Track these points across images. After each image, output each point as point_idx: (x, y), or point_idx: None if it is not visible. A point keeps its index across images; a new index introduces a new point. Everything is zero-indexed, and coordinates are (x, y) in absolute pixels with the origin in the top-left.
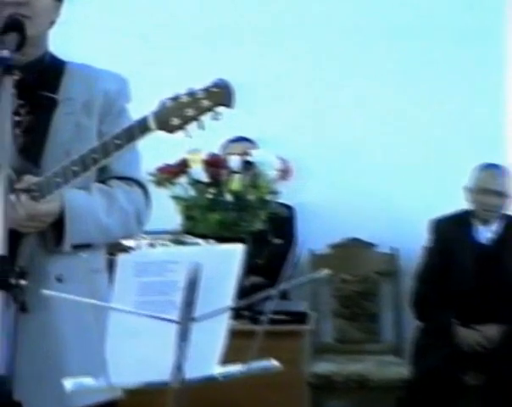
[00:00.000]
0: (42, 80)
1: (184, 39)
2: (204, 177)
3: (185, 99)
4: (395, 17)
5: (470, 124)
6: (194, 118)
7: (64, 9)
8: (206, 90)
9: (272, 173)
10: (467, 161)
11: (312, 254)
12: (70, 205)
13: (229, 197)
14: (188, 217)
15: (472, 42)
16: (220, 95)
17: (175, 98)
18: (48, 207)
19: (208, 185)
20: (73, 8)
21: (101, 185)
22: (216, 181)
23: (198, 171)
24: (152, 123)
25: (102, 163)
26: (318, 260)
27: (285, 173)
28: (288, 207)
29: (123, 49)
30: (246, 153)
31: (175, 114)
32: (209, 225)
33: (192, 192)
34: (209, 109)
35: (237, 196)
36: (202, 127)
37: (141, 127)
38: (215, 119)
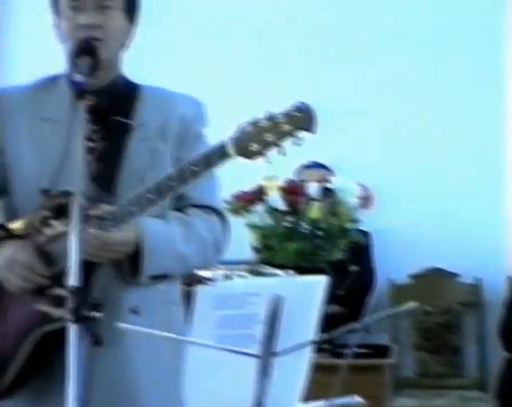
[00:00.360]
0: (116, 105)
1: (260, 61)
2: (281, 205)
3: (264, 124)
4: None
5: None
6: (274, 143)
7: (138, 32)
8: (287, 114)
9: (353, 200)
10: None
11: (392, 284)
12: (147, 235)
13: (307, 226)
14: (265, 246)
15: None
16: (302, 119)
17: (255, 123)
18: (123, 236)
19: (285, 213)
20: (147, 30)
21: (178, 213)
22: (294, 209)
23: (275, 199)
24: (230, 149)
25: (179, 191)
26: (398, 291)
27: (365, 200)
28: (365, 233)
29: (199, 72)
30: (325, 180)
31: (255, 140)
32: (287, 254)
33: (268, 221)
34: (290, 134)
35: (316, 224)
36: (282, 153)
37: (220, 153)
38: (296, 144)
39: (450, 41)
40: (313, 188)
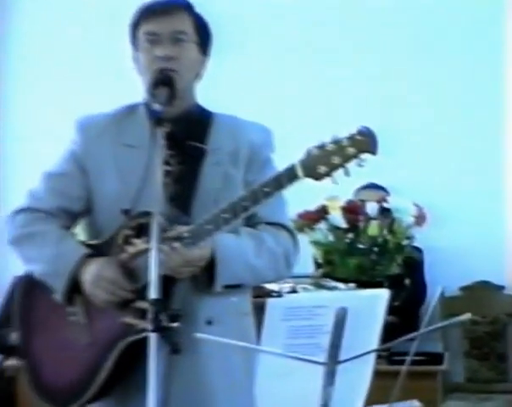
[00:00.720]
0: (191, 132)
1: (324, 87)
2: (342, 223)
3: (330, 147)
4: None
5: None
6: (340, 165)
7: (211, 63)
8: (351, 137)
9: (408, 219)
10: None
11: (442, 296)
12: (220, 248)
13: (366, 243)
14: (327, 261)
15: None
16: (365, 142)
17: (321, 146)
18: (201, 252)
19: (346, 230)
20: (219, 62)
21: (249, 228)
22: (354, 227)
23: (337, 217)
24: (299, 171)
25: (252, 210)
26: (448, 302)
27: (420, 219)
28: (419, 249)
29: (267, 99)
30: (382, 200)
31: (322, 162)
32: (348, 269)
33: (330, 238)
34: (354, 157)
35: (374, 241)
36: (347, 174)
37: (290, 175)
38: (360, 165)
39: None
40: (371, 208)
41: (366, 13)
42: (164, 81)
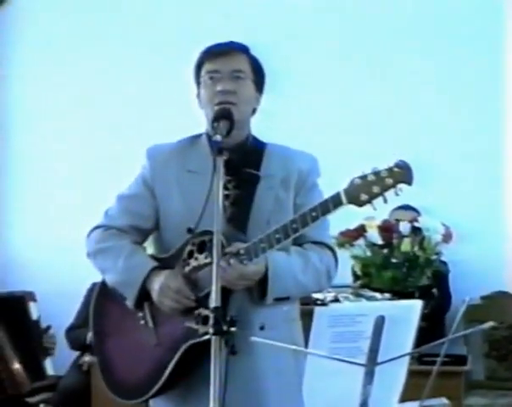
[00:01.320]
0: (246, 160)
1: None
2: (379, 240)
3: (371, 178)
4: None
5: None
6: (379, 194)
7: (264, 100)
8: (389, 169)
9: (437, 237)
10: None
11: (466, 305)
12: (273, 265)
13: (399, 257)
14: (365, 274)
15: None
16: (402, 174)
17: (363, 177)
18: (256, 268)
19: (381, 246)
20: (272, 98)
21: (298, 247)
22: (389, 244)
23: (374, 235)
24: (344, 198)
25: (301, 232)
26: (471, 310)
27: (447, 237)
28: (445, 263)
29: (314, 131)
30: (414, 220)
31: (364, 191)
32: (383, 280)
33: (368, 253)
34: (392, 187)
35: (407, 256)
36: (385, 201)
37: (335, 202)
38: (397, 194)
39: None
40: (404, 227)
41: (407, 47)
42: (224, 115)
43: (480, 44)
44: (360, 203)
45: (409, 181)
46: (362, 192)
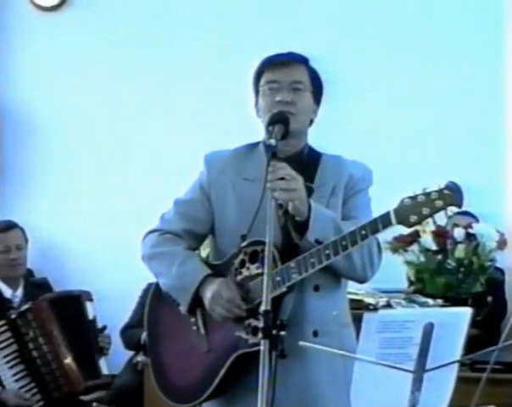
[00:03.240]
0: (302, 169)
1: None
2: (433, 245)
3: (421, 199)
4: None
5: None
6: (429, 216)
7: (322, 111)
8: (440, 191)
9: (492, 244)
10: None
11: None
12: (315, 207)
13: (453, 263)
14: (418, 279)
15: None
16: (452, 197)
17: (413, 198)
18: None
19: (435, 252)
20: (329, 109)
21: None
22: (443, 249)
23: (428, 240)
24: (393, 218)
25: (350, 249)
26: None
27: (501, 243)
28: (500, 270)
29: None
30: (469, 226)
31: (413, 212)
32: (436, 286)
33: (422, 258)
34: (443, 209)
35: (461, 262)
36: (434, 222)
37: (384, 221)
38: (448, 217)
39: None
40: (458, 233)
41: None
42: (279, 120)
43: None
44: (410, 225)
45: (459, 204)
46: (412, 213)
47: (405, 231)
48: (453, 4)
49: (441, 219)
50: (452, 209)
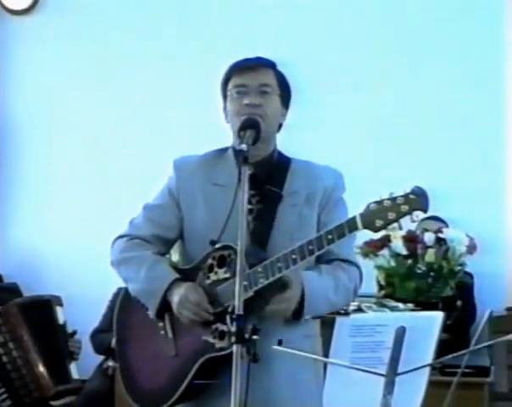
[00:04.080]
0: (271, 175)
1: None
2: (403, 250)
3: (387, 204)
4: None
5: None
6: (395, 220)
7: (290, 115)
8: (406, 196)
9: (461, 248)
10: None
11: (490, 316)
12: (309, 288)
13: (424, 268)
14: (388, 284)
15: None
16: (418, 201)
17: (379, 203)
18: (293, 293)
19: (406, 257)
20: (298, 113)
21: (327, 266)
22: (413, 254)
23: (398, 245)
24: (359, 223)
25: (317, 254)
26: (495, 321)
27: (471, 248)
28: (469, 274)
29: (337, 145)
30: (439, 231)
31: (379, 216)
32: (407, 291)
33: (392, 263)
34: (408, 213)
35: (431, 267)
36: (400, 227)
37: (350, 226)
38: (413, 221)
39: None
40: (429, 238)
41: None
42: (250, 125)
43: None
44: (375, 229)
45: (424, 209)
46: (377, 217)
47: (376, 235)
48: (445, 8)
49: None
50: (417, 214)
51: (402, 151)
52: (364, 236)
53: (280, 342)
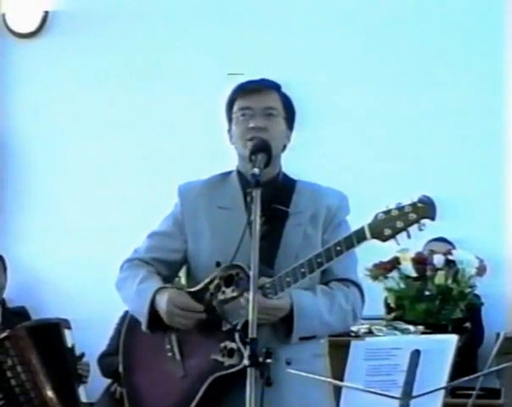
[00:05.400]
0: (276, 196)
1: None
2: (412, 272)
3: (395, 213)
4: None
5: None
6: (403, 229)
7: (294, 136)
8: (413, 205)
9: (471, 270)
10: None
11: (498, 338)
12: (298, 304)
13: (433, 290)
14: (398, 306)
15: None
16: (425, 210)
17: (387, 212)
18: (279, 303)
19: (415, 279)
20: (301, 135)
21: (324, 286)
22: (422, 276)
23: (407, 267)
24: (367, 233)
25: (326, 266)
26: (504, 343)
27: (480, 270)
28: (478, 296)
29: (343, 167)
30: (448, 253)
31: (387, 225)
32: (417, 313)
33: (401, 285)
34: (416, 222)
35: (440, 289)
36: (409, 236)
37: (359, 236)
38: (420, 229)
39: None
40: (438, 259)
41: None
42: (262, 148)
43: None
44: (384, 238)
45: (432, 217)
46: (386, 226)
47: (385, 257)
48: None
49: (417, 246)
50: (424, 222)
51: (406, 170)
52: (373, 258)
53: (288, 362)
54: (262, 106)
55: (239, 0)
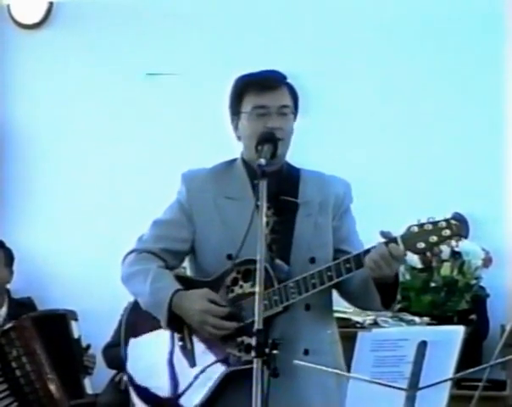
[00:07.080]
0: (283, 187)
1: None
2: (418, 264)
3: (428, 227)
4: None
5: None
6: (436, 244)
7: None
8: (447, 221)
9: (477, 262)
10: None
11: (503, 330)
12: None
13: (439, 282)
14: (404, 297)
15: None
16: (459, 227)
17: (421, 225)
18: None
19: (421, 270)
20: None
21: None
22: (428, 268)
23: (413, 259)
24: (401, 244)
25: (354, 272)
26: (510, 334)
27: (486, 261)
28: (482, 288)
29: (345, 155)
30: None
31: (421, 239)
32: (422, 304)
33: (407, 277)
34: (449, 238)
35: (446, 280)
36: (440, 252)
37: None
38: (452, 246)
39: None
40: (444, 251)
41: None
42: (268, 139)
43: None
44: (418, 251)
45: (465, 235)
46: (419, 240)
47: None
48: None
49: None
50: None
51: (416, 158)
52: None
53: (306, 352)
54: (277, 105)
55: None
